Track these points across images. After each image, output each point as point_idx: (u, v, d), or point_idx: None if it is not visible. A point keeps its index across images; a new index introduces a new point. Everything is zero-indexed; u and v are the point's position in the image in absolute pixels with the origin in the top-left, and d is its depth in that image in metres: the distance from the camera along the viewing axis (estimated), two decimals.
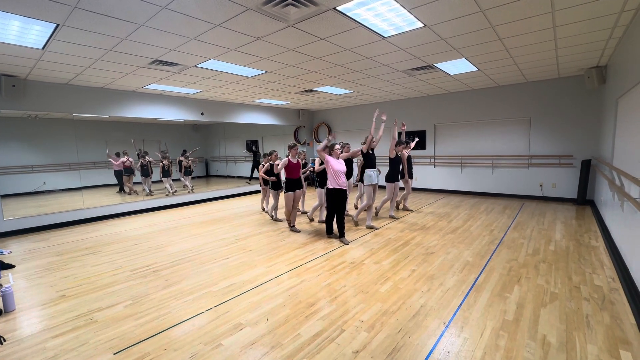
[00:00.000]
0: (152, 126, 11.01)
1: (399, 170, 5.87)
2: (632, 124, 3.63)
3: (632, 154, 3.46)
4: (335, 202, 4.64)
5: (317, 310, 2.77)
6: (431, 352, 2.17)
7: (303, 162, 6.36)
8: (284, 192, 5.37)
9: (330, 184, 4.60)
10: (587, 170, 6.67)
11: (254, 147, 11.73)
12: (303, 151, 6.62)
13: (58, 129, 8.90)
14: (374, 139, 5.45)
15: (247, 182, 11.54)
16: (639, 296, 2.66)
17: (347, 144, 5.69)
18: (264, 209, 7.13)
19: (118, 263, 4.13)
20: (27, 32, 3.64)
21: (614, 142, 4.76)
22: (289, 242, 4.76)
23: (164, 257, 4.27)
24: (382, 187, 8.50)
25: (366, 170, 5.39)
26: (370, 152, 5.39)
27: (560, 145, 7.16)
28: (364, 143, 5.40)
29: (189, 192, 9.30)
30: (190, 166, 9.79)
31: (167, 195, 8.64)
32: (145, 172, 9.00)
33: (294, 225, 5.42)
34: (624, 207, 3.60)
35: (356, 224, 5.58)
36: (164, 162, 8.94)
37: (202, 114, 8.69)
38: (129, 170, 9.07)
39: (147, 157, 9.13)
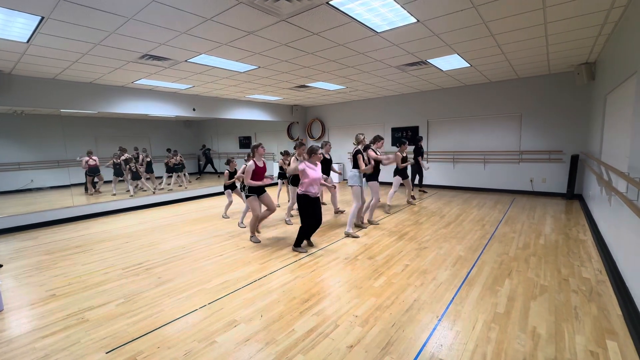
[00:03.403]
0: (142, 122, 10.87)
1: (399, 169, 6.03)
2: (619, 120, 3.70)
3: (620, 149, 3.53)
4: (311, 209, 4.06)
5: (312, 306, 2.78)
6: (424, 345, 2.19)
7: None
8: (247, 196, 4.52)
9: (300, 190, 4.05)
10: (575, 165, 6.80)
11: (204, 145, 11.76)
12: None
13: (45, 125, 8.71)
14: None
15: (196, 178, 11.64)
16: (625, 288, 2.73)
17: (327, 142, 5.68)
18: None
19: (109, 261, 4.07)
20: (10, 25, 3.53)
21: (602, 137, 4.85)
22: (283, 239, 4.75)
23: (156, 255, 4.23)
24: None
25: (353, 170, 5.02)
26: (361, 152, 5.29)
27: (551, 140, 7.27)
28: (356, 143, 5.23)
29: (184, 187, 9.27)
30: (180, 162, 9.70)
31: (153, 192, 8.54)
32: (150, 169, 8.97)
33: (254, 234, 4.79)
34: (611, 201, 3.68)
35: (370, 222, 5.38)
36: (131, 165, 8.64)
37: (193, 109, 8.58)
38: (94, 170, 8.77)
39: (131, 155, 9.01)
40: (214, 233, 5.20)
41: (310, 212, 4.03)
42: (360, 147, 5.16)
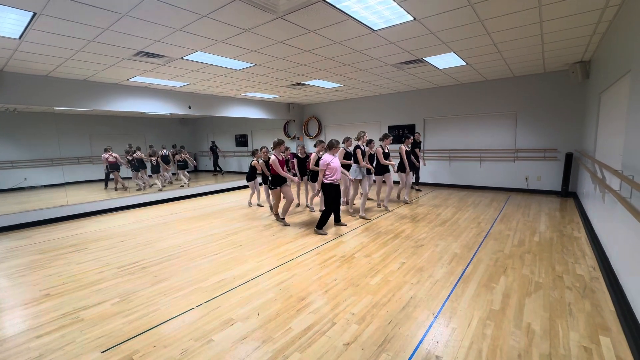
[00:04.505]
0: (137, 120, 10.78)
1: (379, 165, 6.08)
2: (613, 118, 3.73)
3: (614, 147, 3.57)
4: (334, 194, 4.80)
5: (308, 304, 2.78)
6: (420, 342, 2.21)
7: (303, 155, 6.46)
8: (271, 188, 5.33)
9: (325, 180, 4.72)
10: (570, 163, 6.86)
11: (213, 141, 11.93)
12: (300, 145, 6.76)
13: (39, 123, 8.61)
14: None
15: (213, 175, 11.77)
16: (618, 284, 2.77)
17: (349, 138, 5.85)
18: (252, 203, 7.25)
19: (105, 260, 4.04)
20: (1, 21, 3.47)
21: (596, 135, 4.89)
22: (279, 237, 4.75)
23: (152, 254, 4.21)
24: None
25: (355, 164, 5.65)
26: (362, 148, 5.62)
27: (546, 138, 7.32)
28: (357, 139, 5.70)
29: (182, 186, 9.25)
30: (184, 160, 9.74)
31: (159, 190, 8.50)
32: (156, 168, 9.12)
33: (283, 218, 5.43)
34: (605, 199, 3.72)
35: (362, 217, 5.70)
36: (152, 160, 8.92)
37: (189, 107, 8.52)
38: (113, 166, 8.87)
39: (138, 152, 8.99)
40: (210, 231, 5.18)
41: (333, 196, 4.76)
42: (360, 142, 5.60)
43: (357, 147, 5.61)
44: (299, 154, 6.50)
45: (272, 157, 5.04)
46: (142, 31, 3.94)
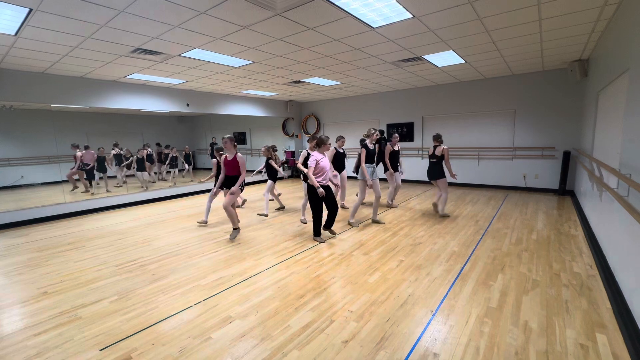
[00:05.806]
0: (135, 118, 10.71)
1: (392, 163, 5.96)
2: (611, 117, 3.74)
3: (611, 145, 3.58)
4: (321, 199, 4.28)
5: (307, 301, 2.79)
6: (419, 339, 2.22)
7: (267, 156, 6.05)
8: (216, 188, 4.85)
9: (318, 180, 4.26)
10: (567, 162, 6.88)
11: (212, 139, 11.84)
12: (267, 145, 6.29)
13: (35, 120, 8.54)
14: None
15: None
16: (614, 282, 2.79)
17: (342, 137, 5.64)
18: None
19: (102, 258, 4.03)
20: None
21: (594, 134, 4.91)
22: (277, 235, 4.75)
23: (150, 252, 4.20)
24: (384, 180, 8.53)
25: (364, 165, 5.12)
26: (372, 146, 5.31)
27: (543, 136, 7.34)
28: (366, 136, 5.39)
29: (171, 185, 9.20)
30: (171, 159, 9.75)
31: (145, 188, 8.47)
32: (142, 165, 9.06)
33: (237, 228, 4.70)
34: (602, 197, 3.74)
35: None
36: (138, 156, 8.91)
37: (187, 105, 8.48)
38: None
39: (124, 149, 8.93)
40: (208, 229, 5.17)
41: (320, 201, 4.25)
42: (368, 141, 5.17)
43: (364, 145, 5.04)
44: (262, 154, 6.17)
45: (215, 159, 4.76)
46: (139, 28, 3.91)
